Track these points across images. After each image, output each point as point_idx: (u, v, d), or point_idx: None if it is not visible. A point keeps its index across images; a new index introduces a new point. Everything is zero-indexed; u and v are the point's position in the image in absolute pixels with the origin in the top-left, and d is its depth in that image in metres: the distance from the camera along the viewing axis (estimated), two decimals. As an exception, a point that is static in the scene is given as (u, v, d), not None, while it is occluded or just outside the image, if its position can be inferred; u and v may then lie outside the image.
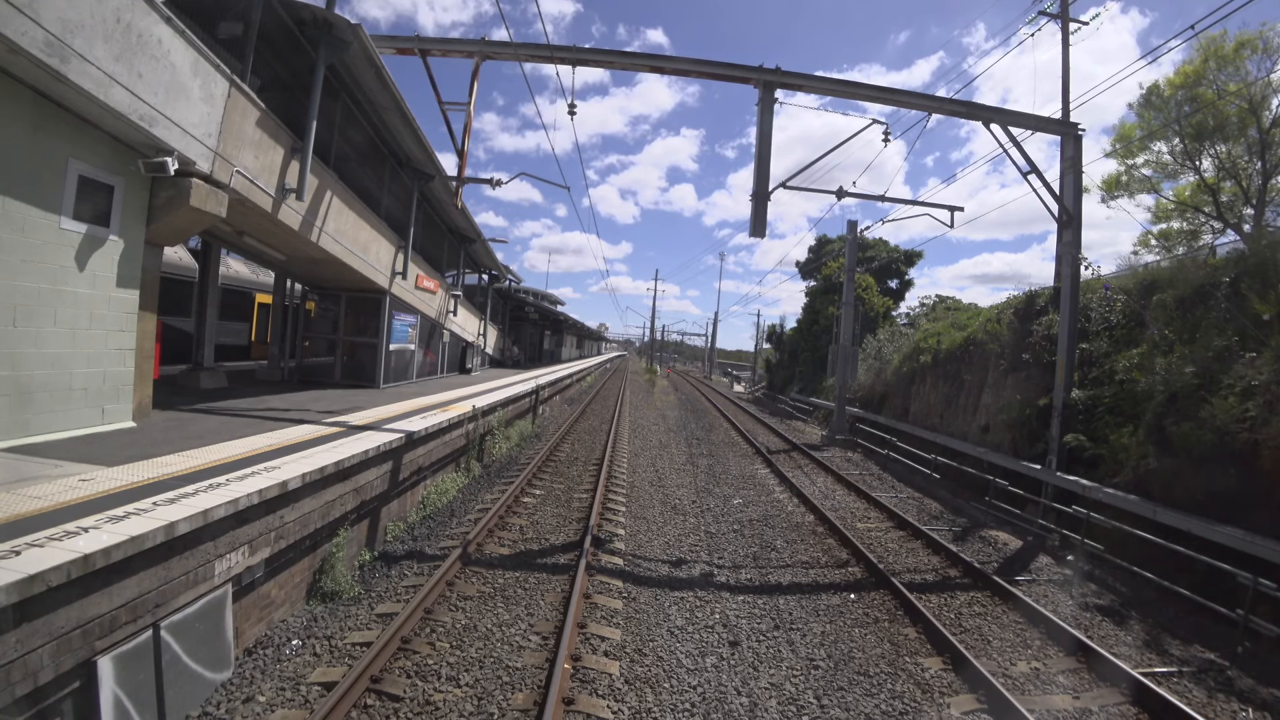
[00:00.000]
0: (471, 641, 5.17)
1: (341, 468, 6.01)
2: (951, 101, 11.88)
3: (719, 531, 9.22)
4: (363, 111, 11.12)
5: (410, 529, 8.05)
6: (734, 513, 10.37)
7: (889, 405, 20.66)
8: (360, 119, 11.22)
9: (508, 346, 29.03)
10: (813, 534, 9.53)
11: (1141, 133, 13.81)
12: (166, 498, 4.30)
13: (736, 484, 12.64)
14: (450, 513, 8.88)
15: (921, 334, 19.55)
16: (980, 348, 15.07)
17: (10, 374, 5.51)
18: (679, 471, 13.38)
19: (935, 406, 16.89)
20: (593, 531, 8.00)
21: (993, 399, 14.23)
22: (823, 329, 32.58)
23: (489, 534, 7.82)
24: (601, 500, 9.56)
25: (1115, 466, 10.43)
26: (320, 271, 11.88)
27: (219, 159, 7.19)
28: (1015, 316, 14.66)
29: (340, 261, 10.59)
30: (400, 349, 14.02)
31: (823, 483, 13.43)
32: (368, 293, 12.64)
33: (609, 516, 9.09)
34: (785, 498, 11.74)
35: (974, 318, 17.46)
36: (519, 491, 9.82)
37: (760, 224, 10.07)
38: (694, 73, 10.90)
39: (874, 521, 10.64)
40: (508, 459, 12.72)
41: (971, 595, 7.54)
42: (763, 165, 10.20)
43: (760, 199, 10.07)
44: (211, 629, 4.39)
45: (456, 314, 17.90)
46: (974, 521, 11.36)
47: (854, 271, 20.59)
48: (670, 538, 8.62)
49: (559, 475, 11.58)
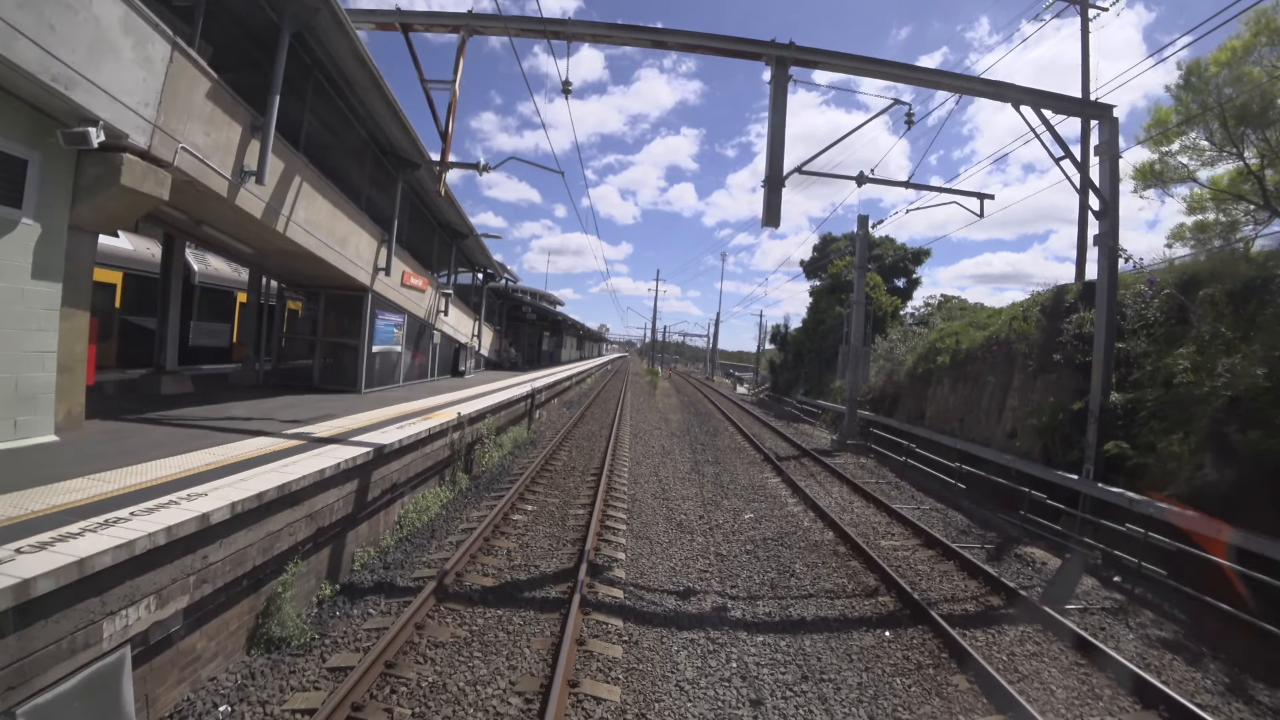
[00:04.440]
0: (439, 707, 4.24)
1: (288, 492, 5.08)
2: (979, 81, 10.96)
3: (730, 553, 8.28)
4: (338, 91, 10.20)
5: (383, 554, 7.12)
6: (745, 530, 9.44)
7: (902, 408, 19.71)
8: (336, 99, 10.30)
9: (504, 348, 28.11)
10: (834, 555, 8.60)
11: (1179, 117, 12.88)
12: (38, 541, 3.37)
13: (746, 495, 11.71)
14: (431, 533, 7.95)
15: (937, 333, 18.61)
16: (1005, 347, 14.12)
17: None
18: (684, 482, 12.44)
19: (954, 410, 15.94)
20: (589, 556, 7.07)
21: (1019, 402, 13.28)
22: (829, 329, 31.64)
23: (471, 560, 6.88)
24: (599, 518, 8.63)
25: (1163, 478, 9.48)
26: (295, 266, 10.96)
27: (159, 133, 6.27)
28: (1043, 314, 13.72)
29: (313, 255, 9.67)
30: (385, 351, 13.09)
31: (838, 493, 12.49)
32: (348, 290, 11.72)
33: (608, 537, 8.15)
34: (800, 511, 10.80)
35: (993, 316, 16.52)
36: (509, 508, 8.89)
37: (774, 212, 9.13)
38: (700, 48, 9.98)
39: (899, 538, 9.71)
40: (499, 469, 11.79)
41: (1022, 631, 6.60)
42: (776, 148, 9.27)
43: (774, 185, 9.14)
44: (104, 704, 3.46)
45: (448, 314, 16.97)
46: (1005, 536, 10.43)
47: (865, 268, 19.66)
48: (676, 562, 7.68)
49: (554, 487, 10.64)
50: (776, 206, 9.13)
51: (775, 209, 9.13)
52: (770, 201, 9.11)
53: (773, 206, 9.12)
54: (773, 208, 9.12)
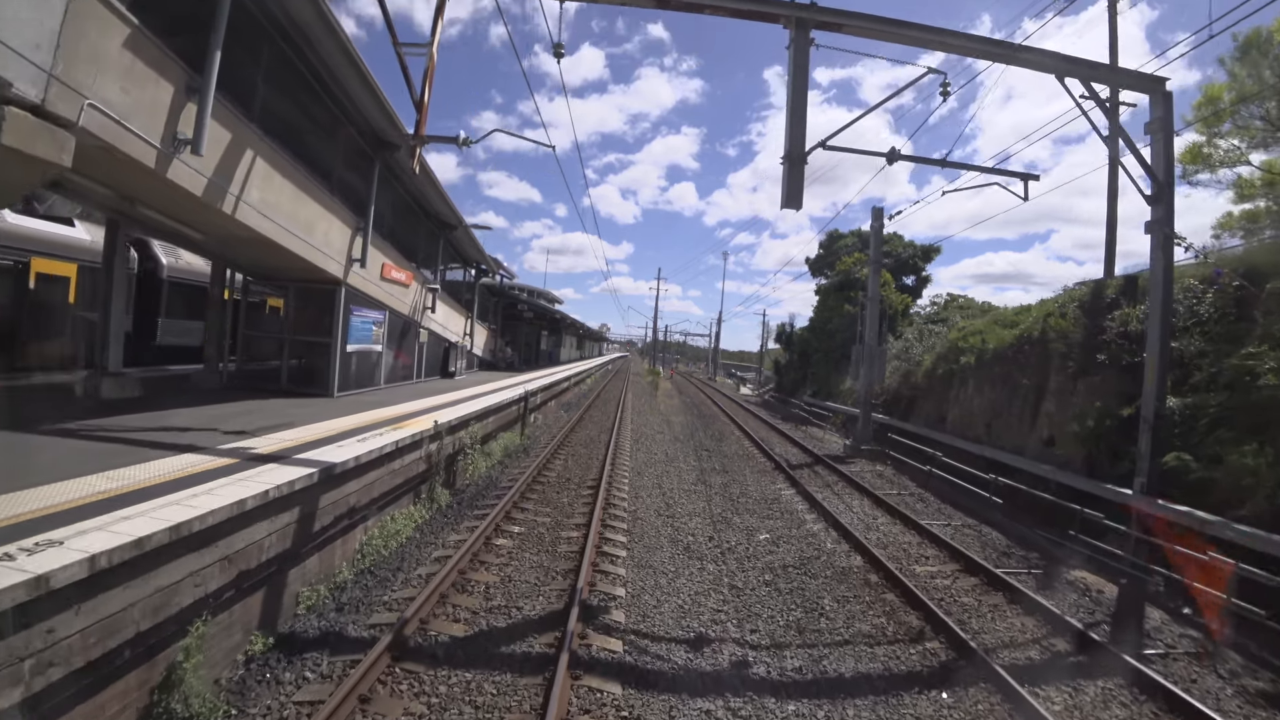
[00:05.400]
0: (370, 834, 3.11)
1: (189, 532, 3.95)
2: (1021, 49, 9.78)
3: (747, 585, 7.15)
4: (300, 56, 9.05)
5: (337, 592, 5.99)
6: (762, 554, 8.31)
7: (919, 411, 18.58)
8: (299, 66, 9.15)
9: (500, 348, 26.98)
10: (866, 585, 7.46)
11: (1232, 94, 11.75)
12: None
13: (759, 510, 10.58)
14: (399, 564, 6.82)
15: (957, 332, 17.47)
16: (1040, 347, 12.98)
17: None
18: (689, 494, 11.31)
19: (980, 414, 14.80)
20: (582, 595, 5.94)
21: (1057, 407, 12.14)
22: (837, 328, 30.53)
23: (440, 602, 5.75)
24: (595, 543, 7.50)
25: (1235, 495, 8.36)
26: (255, 256, 9.84)
27: (57, 84, 5.14)
28: (1081, 311, 12.58)
29: (273, 243, 8.55)
30: (362, 350, 11.96)
31: (859, 507, 11.36)
32: (318, 283, 10.58)
33: (605, 566, 7.02)
34: (820, 530, 9.67)
35: (1022, 314, 15.37)
36: (492, 529, 7.77)
37: (796, 192, 7.99)
38: (709, 8, 8.83)
39: (934, 562, 8.58)
40: (486, 481, 10.66)
41: (1103, 688, 5.47)
42: (797, 121, 8.13)
43: (795, 162, 8.00)
44: None
45: (435, 311, 15.83)
46: (1049, 558, 9.31)
47: (880, 262, 18.53)
48: (685, 598, 6.55)
49: (546, 503, 9.52)
50: (798, 186, 7.99)
51: (797, 189, 7.99)
52: (791, 180, 7.97)
53: (794, 186, 7.98)
54: (794, 187, 7.98)
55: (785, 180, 8.03)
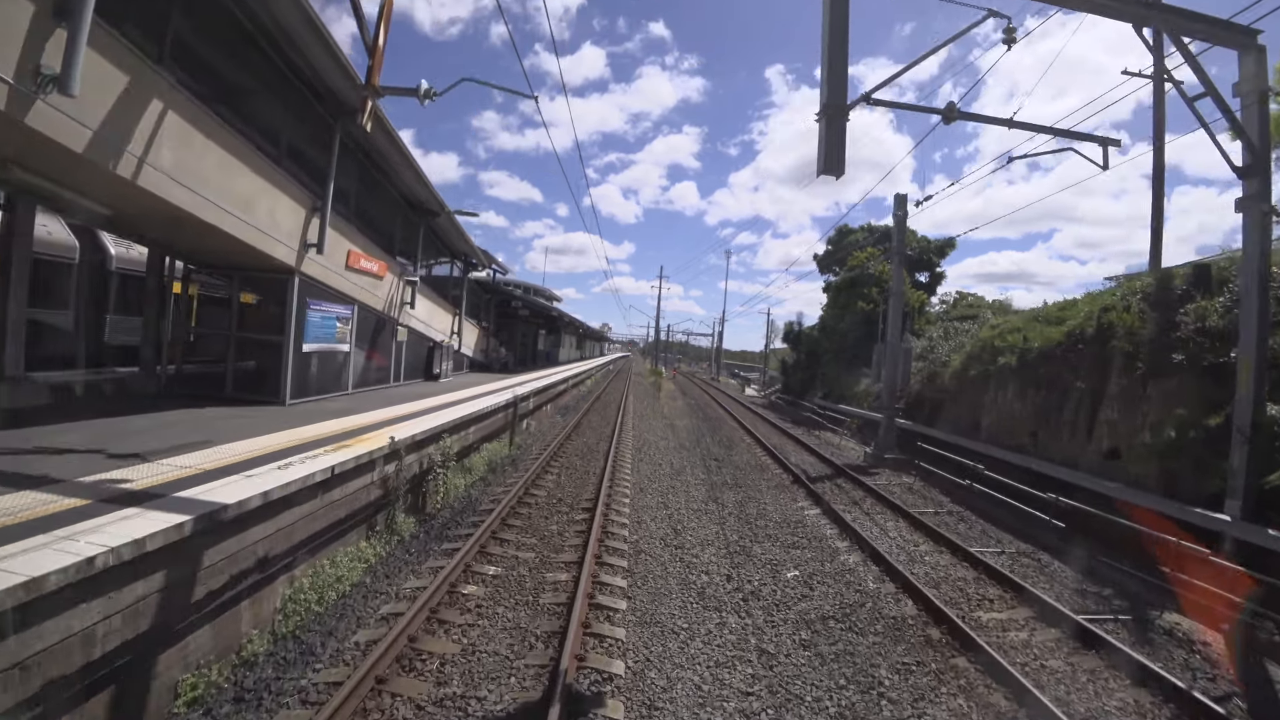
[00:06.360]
0: None
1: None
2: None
3: (780, 649, 5.62)
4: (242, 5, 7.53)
5: (241, 671, 4.48)
6: (793, 599, 6.78)
7: (946, 415, 17.03)
8: (229, 4, 7.61)
9: (493, 348, 25.46)
10: (927, 645, 5.94)
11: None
12: None
13: (782, 537, 9.05)
14: (335, 623, 5.31)
15: (991, 330, 15.94)
16: (1097, 346, 11.43)
17: None
18: (700, 516, 9.80)
19: (1022, 421, 13.26)
20: (567, 677, 4.42)
21: (1121, 414, 10.59)
22: (849, 326, 29.00)
23: (375, 690, 4.24)
24: (588, 590, 5.98)
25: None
26: (187, 239, 8.32)
27: None
28: (1146, 304, 11.04)
29: (197, 220, 7.03)
30: (324, 350, 10.44)
31: (896, 531, 9.84)
32: (266, 272, 9.07)
33: (599, 627, 5.49)
34: (858, 563, 8.14)
35: (1068, 309, 13.82)
36: (460, 571, 6.26)
37: (837, 154, 6.45)
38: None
39: (1000, 607, 7.07)
40: (464, 503, 9.14)
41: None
42: (836, 64, 6.60)
43: (835, 116, 6.46)
44: None
45: (415, 306, 14.30)
46: (1130, 598, 7.80)
47: (903, 254, 16.99)
48: (703, 672, 5.03)
49: (530, 531, 8.01)
50: (839, 145, 6.45)
51: (838, 149, 6.45)
52: (831, 138, 6.43)
53: (834, 145, 6.44)
54: (834, 147, 6.44)
55: (823, 139, 6.49)
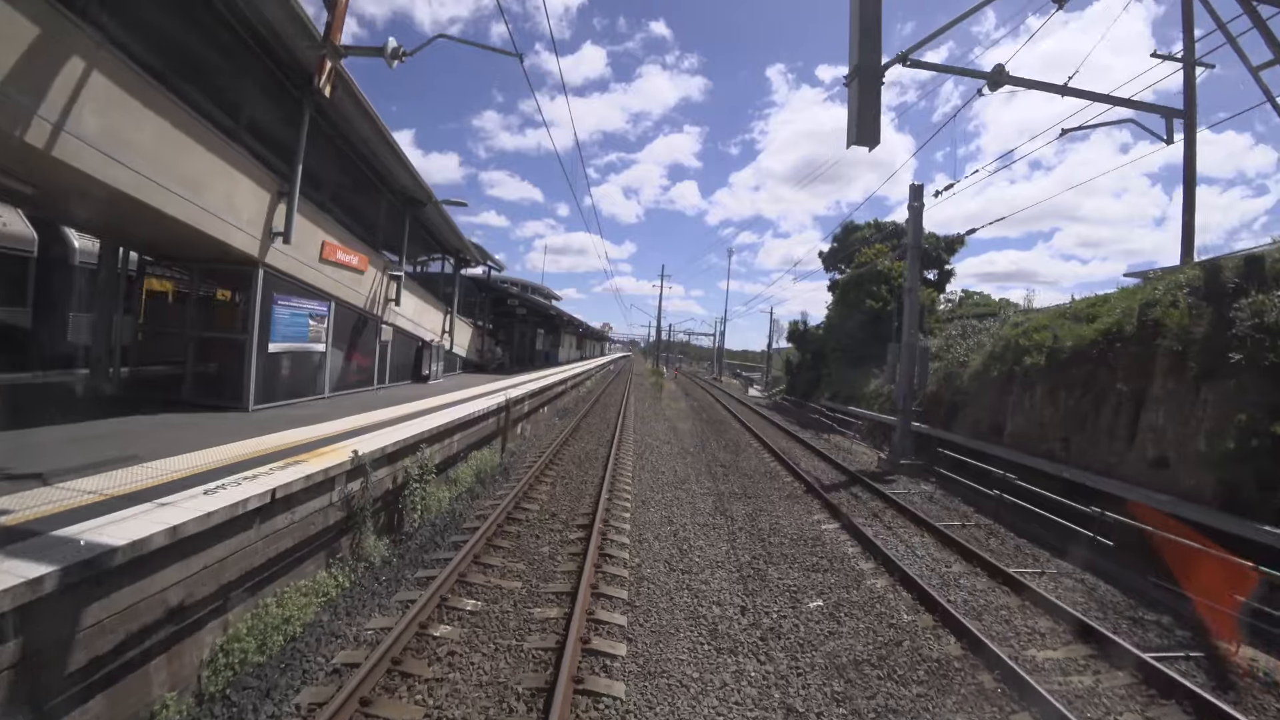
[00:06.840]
0: None
1: None
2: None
3: (810, 707, 4.71)
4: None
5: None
6: (819, 637, 5.88)
7: (964, 419, 16.13)
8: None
9: (488, 348, 24.56)
10: (981, 695, 5.04)
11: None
12: None
13: (800, 557, 8.16)
14: (278, 676, 4.41)
15: (1014, 329, 15.02)
16: (1138, 344, 10.51)
17: None
18: (708, 532, 8.90)
19: (1052, 426, 12.34)
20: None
21: (1168, 419, 9.68)
22: (857, 325, 28.07)
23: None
24: (580, 633, 5.08)
25: None
26: (140, 227, 7.43)
27: None
28: (1195, 298, 10.12)
29: (135, 201, 6.14)
30: (295, 351, 9.54)
31: (924, 548, 8.93)
32: (227, 264, 8.19)
33: (593, 683, 4.58)
34: (887, 588, 7.24)
35: (1099, 305, 12.91)
36: (434, 609, 5.37)
37: (870, 122, 5.56)
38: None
39: (1054, 642, 6.18)
40: (446, 520, 8.25)
41: None
42: (869, 22, 5.70)
43: (869, 79, 5.60)
44: None
45: (401, 303, 13.40)
46: (1194, 629, 6.88)
47: (920, 248, 16.04)
48: (720, 744, 4.13)
49: (518, 556, 7.11)
50: (873, 112, 5.56)
51: (871, 116, 5.56)
52: (864, 104, 5.54)
53: (866, 112, 5.55)
54: (867, 114, 5.55)
55: (855, 105, 5.59)
